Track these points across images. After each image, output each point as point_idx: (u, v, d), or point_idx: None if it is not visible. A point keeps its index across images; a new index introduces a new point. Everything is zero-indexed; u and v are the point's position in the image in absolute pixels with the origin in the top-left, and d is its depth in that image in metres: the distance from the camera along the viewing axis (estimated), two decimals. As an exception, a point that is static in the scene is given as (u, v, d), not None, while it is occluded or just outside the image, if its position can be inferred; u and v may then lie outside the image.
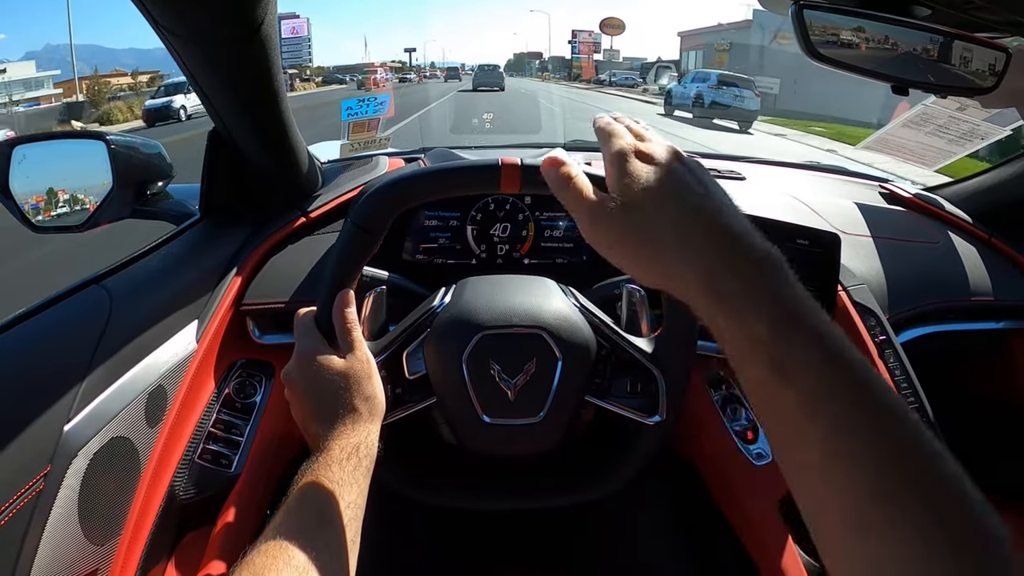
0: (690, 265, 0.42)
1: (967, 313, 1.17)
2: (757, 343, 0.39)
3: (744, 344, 0.40)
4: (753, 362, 0.39)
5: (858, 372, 0.38)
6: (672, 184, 0.46)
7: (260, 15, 0.75)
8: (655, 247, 0.44)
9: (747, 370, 0.40)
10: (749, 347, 0.39)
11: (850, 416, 0.37)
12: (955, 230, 1.30)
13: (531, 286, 0.83)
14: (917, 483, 0.35)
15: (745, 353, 0.40)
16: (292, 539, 0.52)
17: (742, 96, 15.35)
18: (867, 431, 0.36)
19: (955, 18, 0.90)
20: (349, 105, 1.28)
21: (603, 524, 1.11)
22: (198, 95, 0.90)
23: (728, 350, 0.41)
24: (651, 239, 0.45)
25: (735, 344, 0.40)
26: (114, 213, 1.01)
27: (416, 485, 0.84)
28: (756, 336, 0.39)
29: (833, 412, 0.37)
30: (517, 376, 0.76)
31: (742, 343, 0.40)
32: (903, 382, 0.97)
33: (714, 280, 0.41)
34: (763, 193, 1.30)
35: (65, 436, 0.69)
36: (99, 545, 0.73)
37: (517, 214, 1.17)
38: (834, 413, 0.37)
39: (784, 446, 0.40)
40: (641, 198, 0.46)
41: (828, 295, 1.01)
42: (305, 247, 1.08)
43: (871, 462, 0.35)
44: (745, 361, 0.40)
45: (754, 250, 0.42)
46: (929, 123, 1.35)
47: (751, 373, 0.40)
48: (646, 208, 0.45)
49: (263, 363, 1.01)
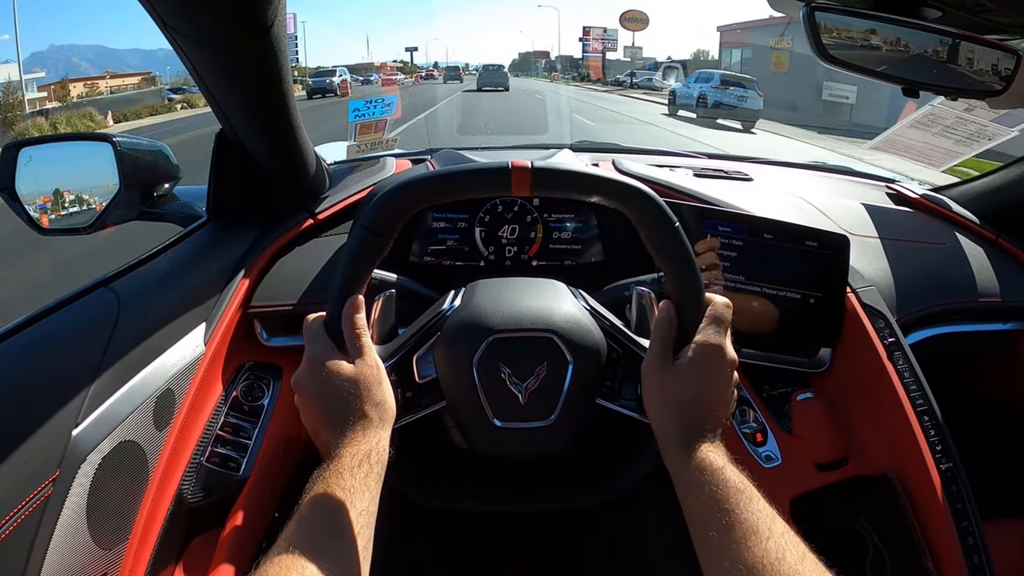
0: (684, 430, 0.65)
1: (975, 314, 1.17)
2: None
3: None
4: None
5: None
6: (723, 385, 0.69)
7: (270, 16, 0.74)
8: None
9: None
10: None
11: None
12: (962, 231, 1.30)
13: (541, 289, 0.83)
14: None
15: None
16: (305, 549, 0.52)
17: (745, 96, 15.53)
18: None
19: (965, 20, 0.90)
20: (356, 106, 1.27)
21: (612, 526, 1.11)
22: (204, 95, 0.90)
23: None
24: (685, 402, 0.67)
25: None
26: (121, 215, 1.01)
27: (426, 489, 0.84)
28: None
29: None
30: (528, 379, 0.76)
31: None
32: (912, 383, 0.96)
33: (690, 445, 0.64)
34: (771, 194, 1.30)
35: (74, 440, 0.69)
36: (107, 549, 0.73)
37: (525, 216, 1.17)
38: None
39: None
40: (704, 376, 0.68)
41: (837, 297, 1.01)
42: (313, 249, 1.08)
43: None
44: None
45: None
46: (936, 124, 1.35)
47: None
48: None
49: (271, 366, 1.00)
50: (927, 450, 0.92)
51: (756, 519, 0.56)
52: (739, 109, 15.35)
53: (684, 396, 0.66)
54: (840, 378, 1.04)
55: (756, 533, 0.55)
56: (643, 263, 0.88)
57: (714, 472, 0.60)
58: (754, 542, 0.54)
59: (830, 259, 1.00)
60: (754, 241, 0.99)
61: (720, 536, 0.56)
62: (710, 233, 0.99)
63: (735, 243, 0.99)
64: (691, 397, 0.66)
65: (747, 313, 1.00)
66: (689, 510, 0.61)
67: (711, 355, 0.67)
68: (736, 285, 1.00)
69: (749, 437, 0.98)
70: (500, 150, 1.58)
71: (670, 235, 0.69)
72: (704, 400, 0.67)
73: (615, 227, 1.15)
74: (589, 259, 1.18)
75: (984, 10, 0.88)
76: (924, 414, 0.94)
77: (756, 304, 1.00)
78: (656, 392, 0.69)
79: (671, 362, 0.68)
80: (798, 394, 1.02)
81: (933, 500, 0.89)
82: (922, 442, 0.92)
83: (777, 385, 1.03)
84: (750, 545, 0.54)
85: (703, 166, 1.45)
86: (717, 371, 0.68)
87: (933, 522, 0.90)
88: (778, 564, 0.52)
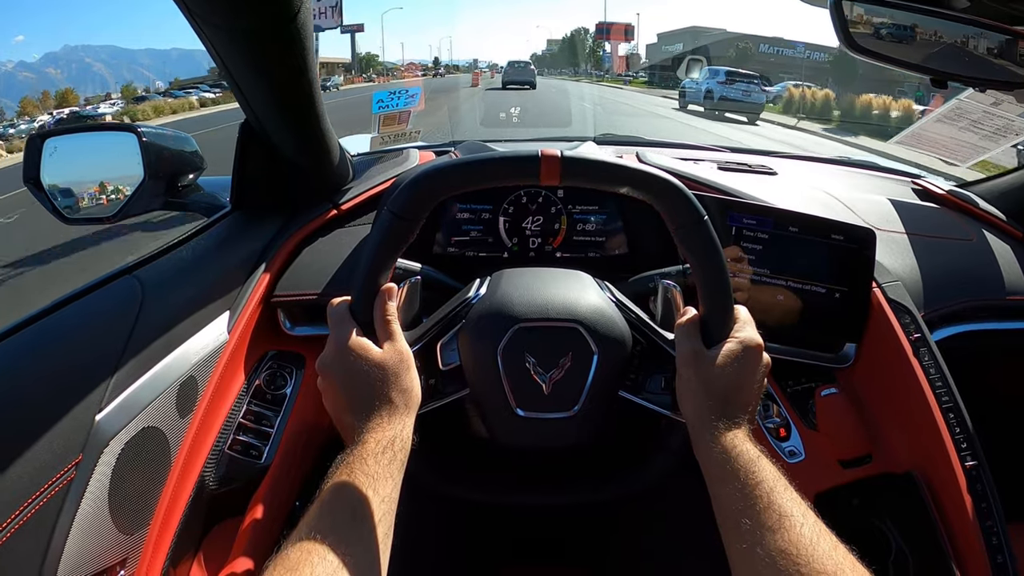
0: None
1: (1001, 312, 1.15)
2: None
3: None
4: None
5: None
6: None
7: (296, 3, 0.74)
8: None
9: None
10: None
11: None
12: (988, 227, 1.28)
13: (567, 279, 0.83)
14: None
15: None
16: (326, 535, 0.52)
17: (749, 91, 16.48)
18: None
19: (994, 10, 0.89)
20: (380, 98, 1.27)
21: (633, 519, 1.10)
22: (229, 85, 0.90)
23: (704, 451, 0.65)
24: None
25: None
26: (144, 205, 1.02)
27: (448, 479, 0.84)
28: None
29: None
30: (552, 370, 0.75)
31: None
32: (938, 380, 0.95)
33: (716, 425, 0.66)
34: (795, 188, 1.28)
35: (97, 425, 0.70)
36: (129, 534, 0.73)
37: (550, 207, 1.16)
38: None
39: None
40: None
41: (862, 292, 1.00)
42: (336, 239, 1.08)
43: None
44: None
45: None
46: (963, 118, 1.33)
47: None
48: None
49: (294, 355, 1.01)
50: (952, 448, 0.90)
51: (791, 507, 0.56)
52: (744, 103, 16.18)
53: (722, 385, 0.68)
54: (865, 373, 1.02)
55: (790, 518, 0.55)
56: (666, 256, 0.88)
57: (748, 462, 0.61)
58: (788, 526, 0.54)
59: (855, 253, 0.99)
60: (779, 234, 0.99)
61: (753, 523, 0.56)
62: (735, 226, 0.99)
63: (760, 236, 0.99)
64: (728, 387, 0.68)
65: (772, 307, 0.99)
66: (720, 499, 0.61)
67: (750, 351, 0.70)
68: (762, 279, 0.99)
69: (772, 432, 0.97)
70: (524, 142, 1.57)
71: (698, 227, 0.69)
72: (740, 392, 0.69)
73: (639, 220, 1.15)
74: (613, 251, 1.18)
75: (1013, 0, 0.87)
76: (950, 411, 0.93)
77: (781, 298, 0.99)
78: (693, 380, 0.70)
79: (708, 353, 0.70)
80: (822, 389, 1.01)
81: (958, 499, 0.88)
82: (947, 440, 0.91)
83: (801, 380, 1.02)
84: (785, 529, 0.54)
85: (727, 159, 1.44)
86: (754, 366, 0.70)
87: (957, 521, 0.89)
88: (812, 549, 0.52)
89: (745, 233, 0.99)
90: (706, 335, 0.71)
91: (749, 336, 0.71)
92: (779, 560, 0.52)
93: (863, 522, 0.96)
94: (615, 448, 0.89)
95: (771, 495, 0.57)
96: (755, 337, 0.71)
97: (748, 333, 0.71)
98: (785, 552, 0.52)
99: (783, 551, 0.52)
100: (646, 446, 0.86)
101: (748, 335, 0.71)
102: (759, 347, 0.71)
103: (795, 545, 0.52)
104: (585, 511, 1.13)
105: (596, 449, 0.86)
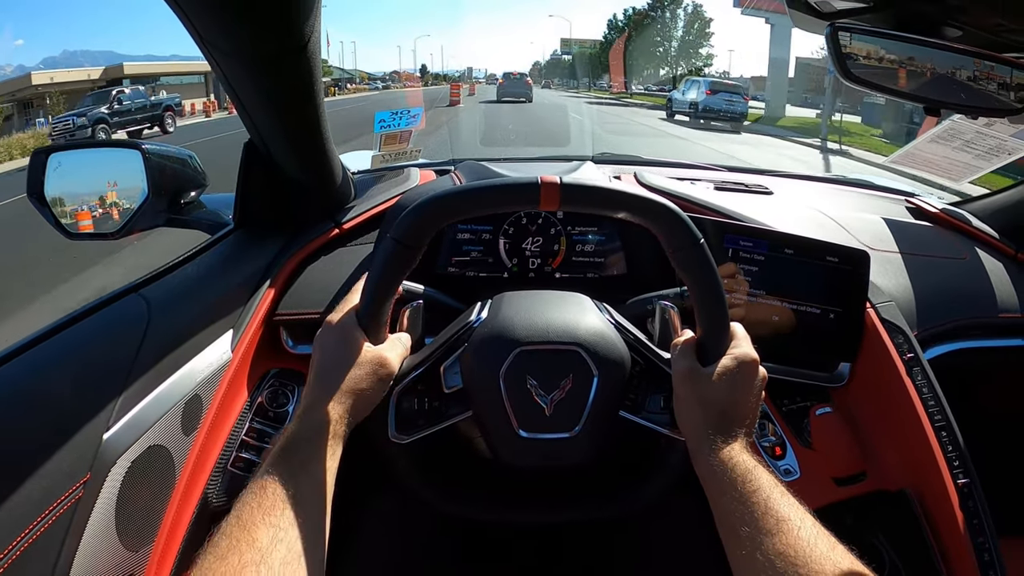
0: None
1: (994, 330, 1.16)
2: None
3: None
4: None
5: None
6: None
7: (308, 32, 0.76)
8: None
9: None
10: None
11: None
12: (982, 245, 1.29)
13: (567, 302, 0.84)
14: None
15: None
16: (256, 521, 0.53)
17: (732, 101, 17.11)
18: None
19: (986, 40, 0.90)
20: (382, 117, 1.29)
21: (633, 538, 1.11)
22: (236, 107, 0.91)
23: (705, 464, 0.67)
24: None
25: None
26: (148, 221, 1.03)
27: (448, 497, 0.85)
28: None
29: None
30: (554, 391, 0.76)
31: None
32: (930, 399, 0.96)
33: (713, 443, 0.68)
34: (791, 208, 1.30)
35: (105, 444, 0.70)
36: (135, 551, 0.74)
37: (549, 228, 1.17)
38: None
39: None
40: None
41: (856, 312, 1.01)
42: (338, 258, 1.09)
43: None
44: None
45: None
46: (956, 138, 1.35)
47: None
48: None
49: (296, 373, 1.01)
50: (944, 466, 0.92)
51: (788, 511, 0.58)
52: (726, 112, 16.91)
53: (718, 400, 0.70)
54: (859, 393, 1.04)
55: (788, 522, 0.57)
56: (665, 276, 0.89)
57: (745, 471, 0.63)
58: (786, 530, 0.56)
59: (850, 274, 1.00)
60: (775, 256, 1.00)
61: (752, 529, 0.57)
62: (731, 248, 1.00)
63: (756, 258, 1.00)
64: (725, 402, 0.70)
65: (767, 326, 1.00)
66: (720, 509, 0.63)
67: (746, 365, 0.72)
68: (757, 299, 1.01)
69: (768, 451, 0.98)
70: (522, 162, 1.58)
71: (695, 251, 0.70)
72: (736, 406, 0.71)
73: (637, 241, 1.16)
74: (611, 272, 1.19)
75: (1004, 29, 0.89)
76: (942, 430, 0.94)
77: (776, 318, 1.01)
78: (690, 397, 0.72)
79: (704, 370, 0.72)
80: (817, 408, 1.02)
81: (950, 516, 0.90)
82: (940, 458, 0.92)
83: (796, 399, 1.03)
84: (783, 532, 0.55)
85: (723, 179, 1.45)
86: (750, 381, 0.72)
87: (950, 538, 0.90)
88: (810, 550, 0.53)
89: (741, 255, 1.01)
90: (703, 354, 0.73)
91: (745, 352, 0.73)
92: (778, 563, 0.53)
93: (857, 539, 0.96)
94: (616, 467, 0.90)
95: (768, 501, 0.59)
96: (751, 353, 0.73)
97: (744, 349, 0.73)
98: (783, 554, 0.54)
99: (781, 554, 0.54)
100: (646, 464, 0.87)
101: (744, 351, 0.73)
102: (755, 362, 0.73)
103: (793, 547, 0.54)
104: (587, 528, 1.14)
105: (597, 468, 0.87)
